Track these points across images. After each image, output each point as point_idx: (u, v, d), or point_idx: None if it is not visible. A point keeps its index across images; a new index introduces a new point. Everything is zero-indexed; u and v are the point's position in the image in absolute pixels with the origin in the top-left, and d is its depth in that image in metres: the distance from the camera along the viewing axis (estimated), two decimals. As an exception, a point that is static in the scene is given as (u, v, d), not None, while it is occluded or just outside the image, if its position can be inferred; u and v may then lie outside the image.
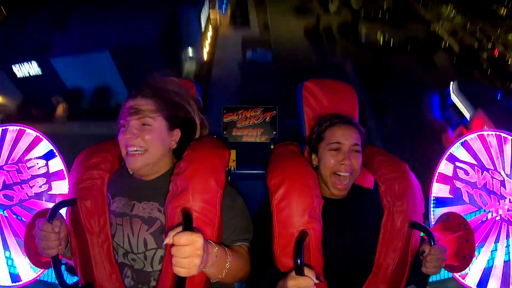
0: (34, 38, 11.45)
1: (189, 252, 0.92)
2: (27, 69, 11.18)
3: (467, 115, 9.43)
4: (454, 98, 10.08)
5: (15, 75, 11.11)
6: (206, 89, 12.46)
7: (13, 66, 11.00)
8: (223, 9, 16.01)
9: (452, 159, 1.68)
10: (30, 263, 1.49)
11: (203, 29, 13.75)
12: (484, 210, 1.58)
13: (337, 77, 1.72)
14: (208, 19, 15.25)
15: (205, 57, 14.98)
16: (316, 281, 1.02)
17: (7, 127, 1.62)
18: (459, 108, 9.79)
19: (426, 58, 19.57)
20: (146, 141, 1.20)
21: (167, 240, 0.94)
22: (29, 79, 11.21)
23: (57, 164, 1.64)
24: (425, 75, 17.13)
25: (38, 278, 1.61)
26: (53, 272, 1.19)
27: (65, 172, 1.64)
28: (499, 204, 1.55)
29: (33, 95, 10.75)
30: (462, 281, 1.59)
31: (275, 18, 20.96)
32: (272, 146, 1.86)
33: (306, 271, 1.02)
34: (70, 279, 1.42)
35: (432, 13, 26.51)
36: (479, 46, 24.30)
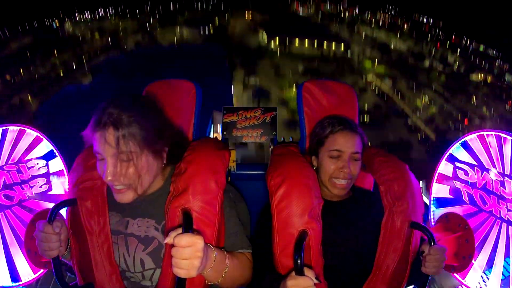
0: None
1: (189, 253, 0.92)
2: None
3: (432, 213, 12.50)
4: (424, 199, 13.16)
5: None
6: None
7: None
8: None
9: (452, 159, 1.68)
10: (30, 263, 1.49)
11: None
12: (484, 211, 1.58)
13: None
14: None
15: None
16: (316, 282, 1.02)
17: (7, 127, 1.62)
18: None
19: (403, 155, 22.61)
20: (130, 176, 1.07)
21: (168, 240, 0.94)
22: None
23: (57, 164, 1.64)
24: None
25: (38, 278, 1.61)
26: (54, 272, 1.19)
27: (65, 173, 1.64)
28: (499, 204, 1.55)
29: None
30: (462, 281, 1.59)
31: None
32: (272, 147, 1.86)
33: (306, 271, 1.02)
34: (71, 280, 1.42)
35: (410, 105, 28.96)
36: (454, 127, 26.35)
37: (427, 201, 1.71)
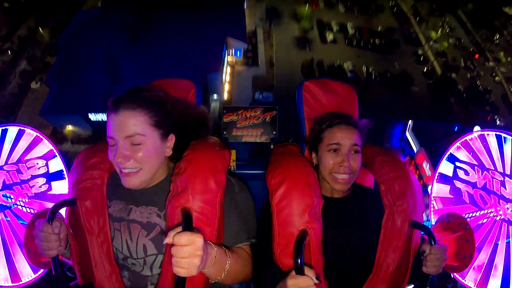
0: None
1: (189, 252, 0.92)
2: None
3: (415, 149, 13.25)
4: (407, 134, 13.84)
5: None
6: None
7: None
8: (238, 55, 21.19)
9: (452, 159, 1.68)
10: (30, 263, 1.49)
11: (224, 80, 19.48)
12: (484, 210, 1.58)
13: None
14: (227, 61, 20.73)
15: (226, 97, 20.03)
16: (316, 281, 1.02)
17: (7, 127, 1.62)
18: (410, 143, 13.64)
19: (403, 89, 23.26)
20: (139, 160, 1.14)
21: (167, 240, 0.93)
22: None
23: (57, 164, 1.64)
24: (397, 105, 20.75)
25: (38, 278, 1.61)
26: (53, 272, 1.19)
27: (65, 172, 1.64)
28: (499, 204, 1.55)
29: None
30: (462, 281, 1.59)
31: (279, 53, 24.41)
32: (272, 146, 1.85)
33: (306, 270, 1.02)
34: (71, 280, 1.42)
35: (426, 33, 27.54)
36: (464, 66, 25.36)
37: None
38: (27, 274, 1.58)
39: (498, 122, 23.76)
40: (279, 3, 27.37)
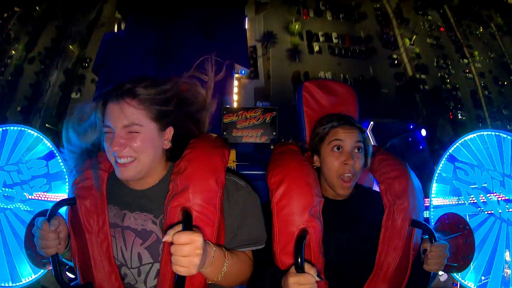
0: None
1: (188, 251, 0.92)
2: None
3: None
4: (368, 133, 15.49)
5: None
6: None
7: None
8: (243, 73, 24.20)
9: (452, 159, 1.68)
10: (30, 263, 1.49)
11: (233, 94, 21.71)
12: (484, 210, 1.58)
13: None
14: (235, 77, 23.34)
15: (235, 106, 23.45)
16: (317, 279, 1.02)
17: (8, 127, 1.63)
18: (370, 141, 15.33)
19: (374, 91, 25.92)
20: (136, 148, 1.11)
21: (166, 238, 0.93)
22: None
23: (57, 164, 1.65)
24: (367, 107, 21.75)
25: (38, 278, 1.61)
26: (52, 272, 1.19)
27: (65, 173, 1.64)
28: (499, 204, 1.55)
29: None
30: (462, 281, 1.59)
31: (274, 65, 28.02)
32: (272, 147, 1.86)
33: (307, 268, 1.02)
34: (72, 280, 1.42)
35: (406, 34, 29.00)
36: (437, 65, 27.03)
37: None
38: (27, 274, 1.58)
39: (459, 117, 26.45)
40: (274, 17, 30.32)
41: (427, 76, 28.01)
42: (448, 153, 1.70)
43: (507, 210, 1.53)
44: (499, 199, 1.55)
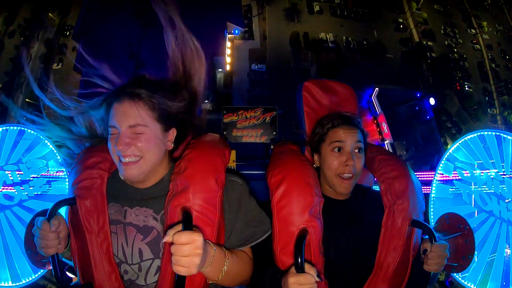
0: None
1: (188, 250, 0.92)
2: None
3: (378, 111, 16.72)
4: (373, 99, 17.16)
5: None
6: (232, 93, 22.23)
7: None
8: (237, 32, 23.90)
9: (452, 159, 1.68)
10: (30, 263, 1.49)
11: (225, 54, 21.81)
12: (484, 210, 1.58)
13: (304, 79, 1.72)
14: (227, 38, 23.02)
15: (228, 68, 22.66)
16: (317, 279, 1.02)
17: (8, 127, 1.63)
18: (375, 105, 17.02)
19: (378, 56, 25.04)
20: (140, 148, 1.13)
21: (166, 238, 0.93)
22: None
23: (57, 164, 1.65)
24: (371, 72, 22.72)
25: (38, 278, 1.61)
26: (52, 271, 1.19)
27: (65, 173, 1.64)
28: (499, 204, 1.55)
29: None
30: (462, 281, 1.59)
31: (271, 26, 26.29)
32: (272, 147, 1.86)
33: (307, 268, 1.02)
34: (71, 280, 1.42)
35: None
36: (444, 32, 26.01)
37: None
38: (27, 274, 1.58)
39: (466, 89, 25.20)
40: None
41: (434, 44, 26.53)
42: (448, 153, 1.70)
43: (507, 210, 1.53)
44: (499, 199, 1.55)
